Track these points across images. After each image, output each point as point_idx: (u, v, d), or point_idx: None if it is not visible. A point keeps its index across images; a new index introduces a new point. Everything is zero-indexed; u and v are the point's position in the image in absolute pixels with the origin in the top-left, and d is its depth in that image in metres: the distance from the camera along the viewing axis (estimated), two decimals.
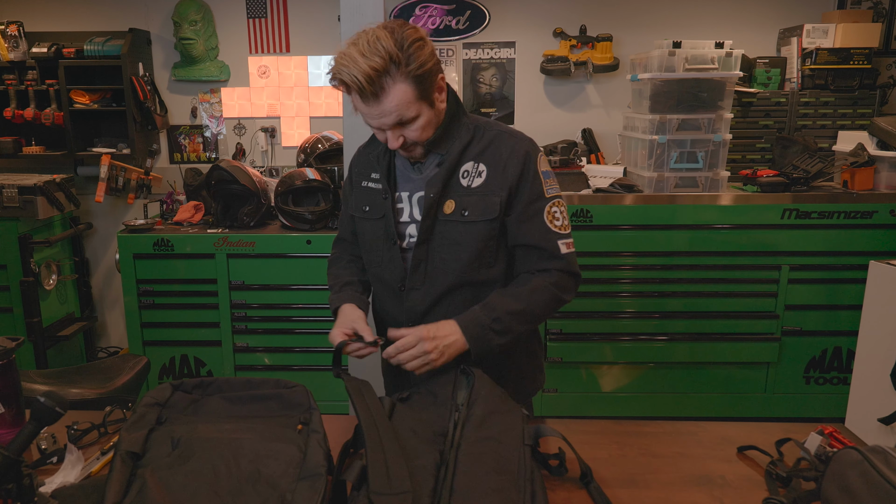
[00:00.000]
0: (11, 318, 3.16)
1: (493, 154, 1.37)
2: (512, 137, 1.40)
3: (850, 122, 3.19)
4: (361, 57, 1.18)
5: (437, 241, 1.37)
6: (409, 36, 1.21)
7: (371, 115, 1.26)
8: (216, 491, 0.90)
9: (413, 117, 1.26)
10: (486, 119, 1.45)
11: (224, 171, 2.99)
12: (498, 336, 1.31)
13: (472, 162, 1.36)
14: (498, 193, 1.35)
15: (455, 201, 1.35)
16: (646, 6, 3.41)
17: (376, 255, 1.44)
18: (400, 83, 1.21)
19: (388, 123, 1.25)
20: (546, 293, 1.36)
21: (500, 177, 1.35)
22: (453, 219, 1.35)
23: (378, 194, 1.42)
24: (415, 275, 1.38)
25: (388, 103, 1.22)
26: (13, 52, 3.30)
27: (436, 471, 0.98)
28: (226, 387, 1.17)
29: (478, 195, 1.35)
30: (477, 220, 1.35)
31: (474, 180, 1.36)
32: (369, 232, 1.45)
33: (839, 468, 1.02)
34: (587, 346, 2.98)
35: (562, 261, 1.39)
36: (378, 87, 1.20)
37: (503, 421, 1.08)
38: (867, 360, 2.13)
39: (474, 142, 1.37)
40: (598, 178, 3.03)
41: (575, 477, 1.13)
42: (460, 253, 1.36)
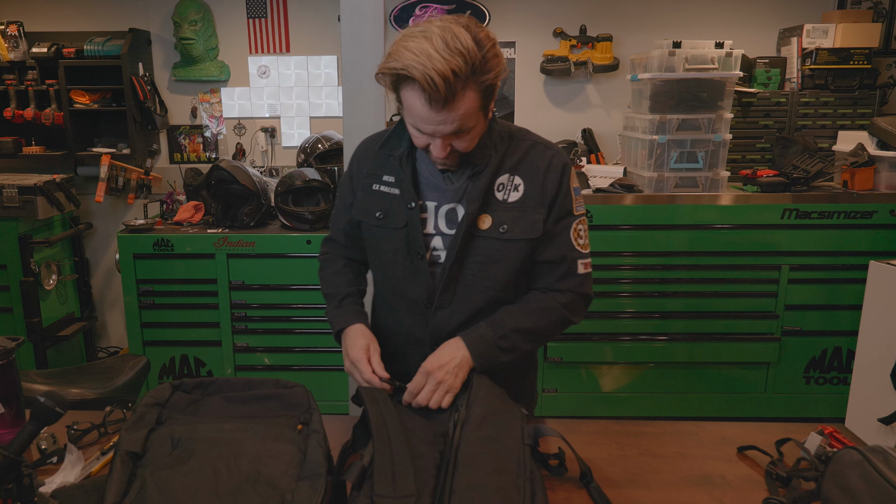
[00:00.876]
0: (11, 318, 3.16)
1: (529, 167, 1.29)
2: (548, 149, 1.32)
3: (850, 122, 3.19)
4: (439, 54, 1.05)
5: (471, 258, 1.28)
6: (486, 38, 1.10)
7: (428, 121, 1.13)
8: (216, 491, 0.90)
9: (471, 127, 1.16)
10: (516, 126, 1.36)
11: (224, 171, 2.99)
12: (503, 353, 1.27)
13: (508, 174, 1.28)
14: (538, 210, 1.28)
15: (492, 217, 1.27)
16: (646, 6, 3.41)
17: (396, 268, 1.33)
18: (470, 90, 1.10)
19: (445, 132, 1.14)
20: (555, 314, 1.32)
21: (538, 192, 1.28)
22: (491, 235, 1.27)
23: (396, 200, 1.31)
24: (445, 293, 1.29)
25: (455, 111, 1.11)
26: (13, 52, 3.30)
27: (436, 471, 0.98)
28: (226, 387, 1.17)
29: (516, 211, 1.27)
30: (517, 239, 1.27)
31: (510, 194, 1.27)
32: (386, 242, 1.33)
33: (839, 468, 1.02)
34: (587, 346, 2.98)
35: (577, 281, 1.34)
36: (451, 93, 1.07)
37: (503, 421, 1.08)
38: (867, 360, 2.13)
39: (510, 152, 1.29)
40: (598, 178, 3.03)
41: (575, 477, 1.13)
42: (498, 272, 1.28)
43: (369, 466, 0.96)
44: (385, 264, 1.35)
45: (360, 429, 1.19)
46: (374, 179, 1.35)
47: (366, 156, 1.39)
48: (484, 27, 1.13)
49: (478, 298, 1.30)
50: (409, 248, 1.30)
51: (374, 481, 0.92)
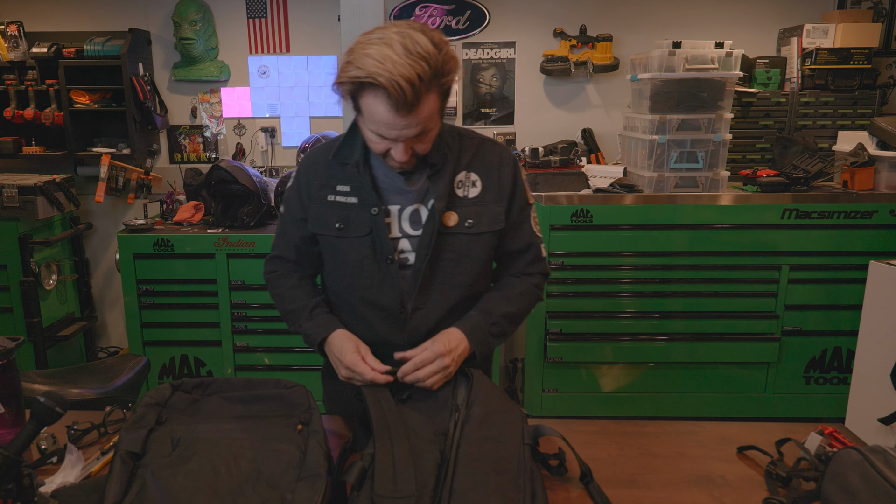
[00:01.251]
0: (11, 318, 3.16)
1: (482, 162, 1.35)
2: (496, 146, 1.40)
3: (850, 122, 3.19)
4: (403, 59, 1.06)
5: (442, 255, 1.31)
6: (441, 42, 1.12)
7: (393, 126, 1.13)
8: (216, 491, 0.90)
9: (431, 129, 1.19)
10: (460, 126, 1.42)
11: (224, 171, 2.99)
12: (495, 339, 1.35)
13: (465, 172, 1.33)
14: (498, 203, 1.35)
15: (457, 213, 1.31)
16: (646, 6, 3.41)
17: (363, 276, 1.33)
18: (433, 93, 1.13)
19: (409, 136, 1.16)
20: (531, 296, 1.42)
21: (495, 186, 1.35)
22: (458, 231, 1.31)
23: (355, 209, 1.31)
24: (420, 294, 1.31)
25: (420, 115, 1.12)
26: (13, 52, 3.30)
27: (436, 471, 0.98)
28: (226, 387, 1.17)
29: (478, 205, 1.33)
30: (484, 232, 1.33)
31: (470, 190, 1.33)
32: (350, 252, 1.33)
33: (839, 468, 1.02)
34: (587, 346, 2.98)
35: (542, 264, 1.45)
36: (417, 97, 1.09)
37: (503, 421, 1.08)
38: (867, 360, 2.13)
39: (463, 150, 1.34)
40: (598, 178, 3.03)
41: (575, 477, 1.13)
42: (469, 266, 1.33)
43: (369, 467, 0.96)
44: (351, 275, 1.35)
45: (360, 429, 1.19)
46: (328, 190, 1.34)
47: (315, 168, 1.38)
48: (436, 30, 1.15)
49: (452, 295, 1.34)
50: (376, 254, 1.31)
51: (374, 481, 0.92)
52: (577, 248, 2.89)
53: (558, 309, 2.95)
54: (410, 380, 1.23)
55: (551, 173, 2.96)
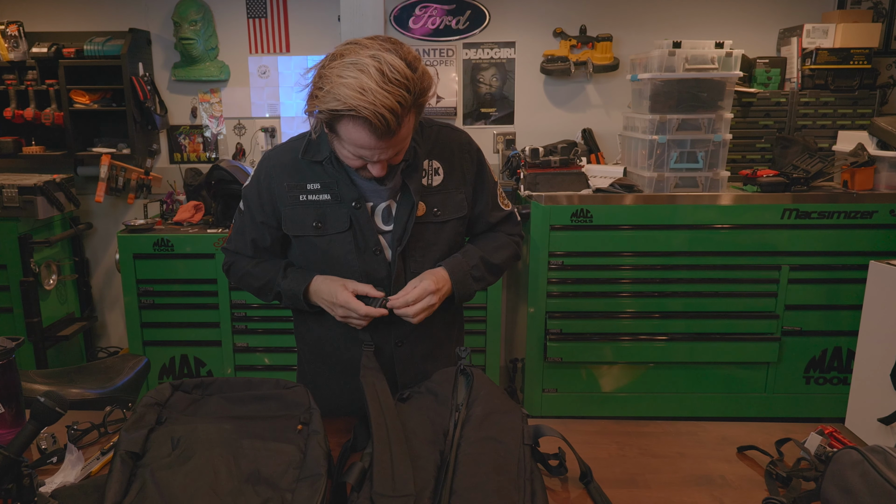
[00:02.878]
0: (11, 318, 3.16)
1: (443, 150, 1.37)
2: (454, 131, 1.41)
3: (850, 122, 3.19)
4: (381, 88, 1.04)
5: (412, 245, 1.35)
6: (415, 60, 1.10)
7: (373, 149, 1.13)
8: (216, 491, 0.90)
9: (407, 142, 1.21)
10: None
11: (224, 171, 2.99)
12: (475, 282, 1.40)
13: (427, 160, 1.35)
14: (461, 189, 1.39)
15: (424, 202, 1.34)
16: (646, 6, 3.41)
17: (348, 270, 1.34)
18: (412, 114, 1.13)
19: (389, 156, 1.17)
20: (511, 249, 1.50)
21: (457, 173, 1.38)
22: (426, 220, 1.35)
23: (329, 205, 1.31)
24: (398, 284, 1.34)
25: (399, 138, 1.13)
26: (13, 52, 3.29)
27: (436, 471, 0.98)
28: (226, 387, 1.17)
29: (442, 193, 1.36)
30: (449, 219, 1.38)
31: (433, 179, 1.36)
32: (334, 248, 1.33)
33: (839, 468, 1.02)
34: (587, 346, 2.98)
35: (519, 226, 1.55)
36: (398, 124, 1.08)
37: (503, 421, 1.08)
38: (867, 360, 2.13)
39: (424, 139, 1.35)
40: (598, 178, 3.03)
41: (575, 477, 1.13)
42: (434, 253, 1.38)
43: (369, 467, 0.96)
44: (341, 267, 1.35)
45: (360, 429, 1.19)
46: (299, 191, 1.33)
47: (280, 169, 1.35)
48: (405, 45, 1.12)
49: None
50: (358, 247, 1.32)
51: (373, 480, 0.92)
52: (577, 248, 2.89)
53: (558, 309, 2.95)
54: (400, 313, 1.30)
55: (551, 173, 2.96)
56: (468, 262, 1.38)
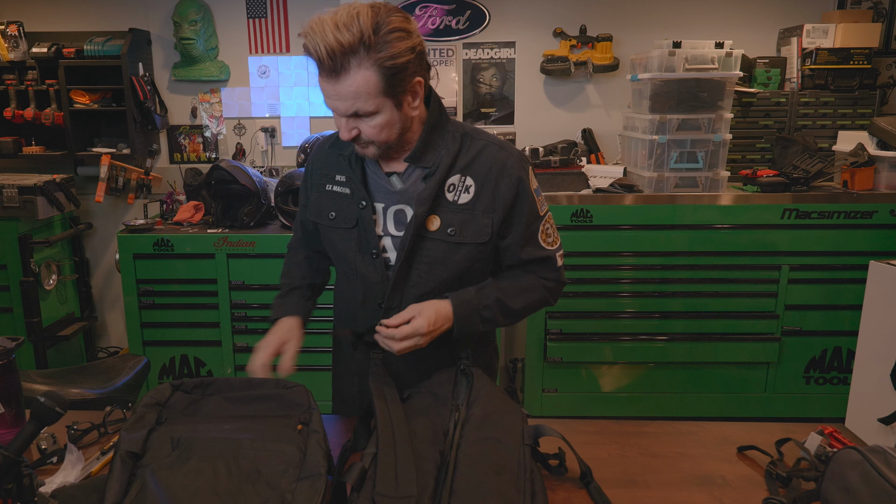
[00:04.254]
0: (11, 318, 3.16)
1: (482, 168, 1.27)
2: (502, 150, 1.30)
3: (850, 122, 3.19)
4: (333, 28, 1.08)
5: (418, 258, 1.28)
6: (392, 22, 1.10)
7: (326, 93, 1.15)
8: (216, 491, 0.90)
9: (370, 112, 1.14)
10: (472, 126, 1.35)
11: (224, 171, 2.99)
12: (482, 323, 1.30)
13: (459, 175, 1.26)
14: (489, 215, 1.27)
15: (440, 218, 1.26)
16: (646, 6, 3.41)
17: (350, 267, 1.34)
18: (365, 69, 1.10)
19: (341, 109, 1.15)
20: (537, 295, 1.37)
21: (490, 195, 1.27)
22: (438, 237, 1.26)
23: (347, 200, 1.31)
24: (394, 294, 1.30)
25: (347, 86, 1.11)
26: (13, 52, 3.29)
27: (436, 471, 0.98)
28: (226, 387, 1.17)
29: (466, 213, 1.26)
30: (465, 242, 1.27)
31: (461, 196, 1.26)
32: (340, 242, 1.34)
33: (839, 468, 1.02)
34: (587, 346, 2.98)
35: (558, 273, 1.40)
36: (339, 65, 1.09)
37: (503, 421, 1.08)
38: (867, 360, 2.13)
39: (462, 152, 1.27)
40: (598, 178, 3.03)
41: (575, 477, 1.13)
42: (441, 273, 1.29)
43: (369, 467, 0.96)
44: (342, 263, 1.37)
45: (360, 428, 1.19)
46: (327, 180, 1.36)
47: (320, 157, 1.39)
48: (406, 16, 1.14)
49: (420, 298, 1.30)
50: (360, 247, 1.31)
51: (376, 480, 0.92)
52: (577, 248, 2.89)
53: (558, 309, 2.95)
54: (384, 344, 1.24)
55: (551, 173, 2.96)
56: (480, 301, 1.28)
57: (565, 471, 1.14)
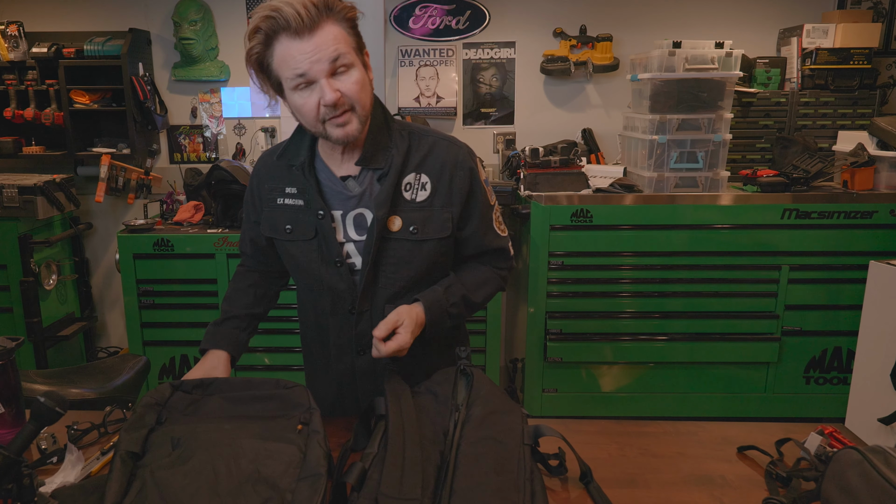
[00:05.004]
0: (11, 318, 3.16)
1: (435, 163, 1.29)
2: (452, 145, 1.33)
3: (850, 122, 3.19)
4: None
5: (384, 260, 1.29)
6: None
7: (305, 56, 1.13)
8: (216, 491, 0.90)
9: (350, 63, 1.16)
10: (415, 124, 1.36)
11: (224, 171, 2.99)
12: (450, 319, 1.33)
13: (414, 173, 1.28)
14: (448, 209, 1.30)
15: (401, 217, 1.27)
16: (646, 6, 3.41)
17: (314, 279, 1.33)
18: (333, 24, 1.15)
19: (325, 59, 1.13)
20: (494, 284, 1.42)
21: (446, 189, 1.29)
22: (401, 237, 1.28)
23: (301, 211, 1.31)
24: (364, 299, 1.30)
25: (325, 36, 1.13)
26: (13, 52, 3.30)
27: (436, 471, 0.98)
28: (226, 387, 1.17)
29: (425, 210, 1.28)
30: (428, 239, 1.29)
31: (418, 193, 1.28)
32: (300, 254, 1.33)
33: (839, 468, 1.02)
34: (587, 346, 2.98)
35: (510, 261, 1.46)
36: (314, 19, 1.12)
37: (503, 421, 1.08)
38: (867, 360, 2.13)
39: (412, 150, 1.29)
40: (598, 178, 3.03)
41: (575, 477, 1.13)
42: (408, 271, 1.30)
43: (370, 467, 0.96)
44: (305, 276, 1.36)
45: (360, 428, 1.19)
46: (278, 193, 1.34)
47: (266, 171, 1.38)
48: None
49: (389, 298, 1.31)
50: (322, 258, 1.31)
51: (381, 480, 0.92)
52: (577, 248, 2.89)
53: (558, 309, 2.95)
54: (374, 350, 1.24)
55: (551, 173, 2.96)
56: (448, 300, 1.31)
57: (565, 471, 1.14)
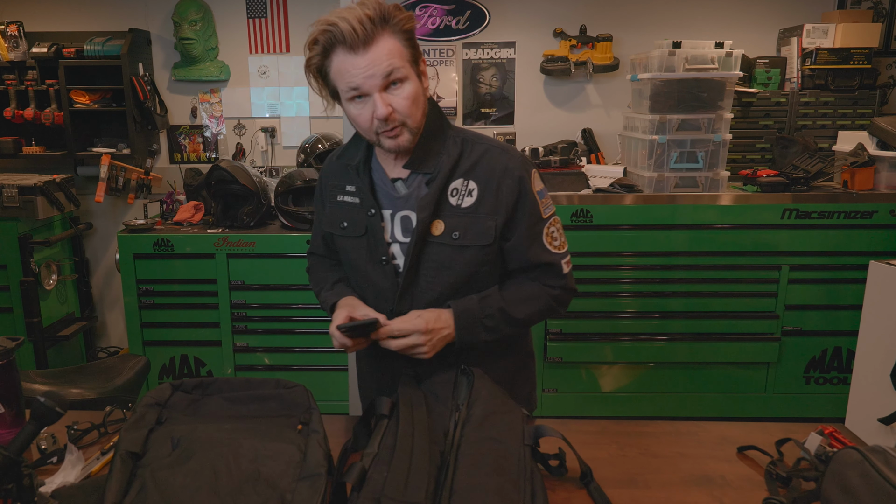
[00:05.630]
0: (11, 318, 3.16)
1: (484, 171, 1.28)
2: (504, 153, 1.31)
3: (850, 122, 3.19)
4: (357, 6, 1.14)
5: (424, 264, 1.28)
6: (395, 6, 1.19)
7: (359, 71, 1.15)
8: (216, 491, 0.90)
9: (402, 78, 1.17)
10: (473, 132, 1.37)
11: (224, 171, 2.99)
12: (485, 332, 1.29)
13: (462, 179, 1.28)
14: (492, 217, 1.28)
15: (444, 222, 1.27)
16: (646, 6, 3.41)
17: (361, 276, 1.35)
18: (389, 36, 1.16)
19: (378, 78, 1.15)
20: (542, 303, 1.36)
21: (493, 198, 1.27)
22: (442, 241, 1.27)
23: (356, 209, 1.33)
24: (402, 300, 1.30)
25: (380, 50, 1.15)
26: (13, 52, 3.30)
27: (436, 472, 0.98)
28: (226, 387, 1.17)
29: (469, 216, 1.27)
30: (469, 245, 1.27)
31: (464, 199, 1.27)
32: (351, 251, 1.35)
33: (839, 468, 1.02)
34: (587, 346, 2.98)
35: (564, 279, 1.38)
36: (370, 34, 1.13)
37: (503, 421, 1.08)
38: (867, 360, 2.13)
39: (464, 157, 1.28)
40: (598, 178, 3.03)
41: (575, 477, 1.13)
42: (448, 277, 1.28)
43: (370, 467, 0.95)
44: (353, 273, 1.38)
45: (360, 428, 1.19)
46: (338, 191, 1.38)
47: (330, 170, 1.42)
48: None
49: (428, 303, 1.30)
50: (370, 255, 1.32)
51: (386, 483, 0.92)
52: (577, 248, 2.89)
53: None
54: (383, 344, 1.25)
55: (551, 173, 2.96)
56: (482, 310, 1.28)
57: (565, 471, 1.14)
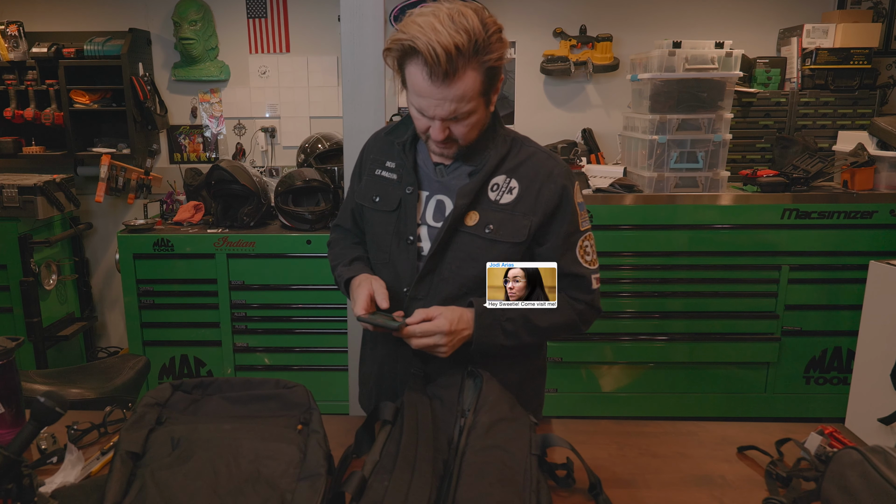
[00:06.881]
0: (11, 318, 3.16)
1: (528, 172, 1.28)
2: (550, 159, 1.32)
3: (850, 122, 3.19)
4: (444, 28, 1.07)
5: (451, 252, 1.27)
6: (493, 23, 1.13)
7: (429, 96, 1.14)
8: (216, 491, 0.90)
9: (469, 112, 1.16)
10: (522, 135, 1.37)
11: (224, 171, 2.99)
12: (504, 336, 1.26)
13: (505, 176, 1.28)
14: (529, 216, 1.27)
15: (479, 214, 1.26)
16: (646, 6, 3.41)
17: (383, 252, 1.33)
18: (472, 70, 1.12)
19: (443, 112, 1.15)
20: (566, 316, 1.31)
21: (532, 198, 1.27)
22: (474, 232, 1.26)
23: (392, 185, 1.33)
24: (420, 285, 1.28)
25: (455, 90, 1.12)
26: (13, 52, 3.29)
27: (439, 482, 0.96)
28: (226, 387, 1.17)
29: (506, 213, 1.26)
30: (501, 241, 1.26)
31: (503, 195, 1.27)
32: (378, 225, 1.34)
33: (839, 468, 1.02)
34: (587, 346, 2.98)
35: (591, 295, 1.34)
36: (453, 67, 1.09)
37: (510, 429, 1.06)
38: (867, 360, 2.13)
39: (510, 155, 1.29)
40: (598, 178, 3.03)
41: (583, 488, 1.11)
42: (472, 269, 1.26)
43: (370, 476, 0.94)
44: (376, 248, 1.36)
45: (362, 434, 1.18)
46: (378, 165, 1.37)
47: (374, 144, 1.43)
48: (487, 10, 1.15)
49: (448, 290, 1.28)
50: (398, 231, 1.31)
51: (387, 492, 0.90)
52: None
53: None
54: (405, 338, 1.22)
55: None
56: (504, 312, 1.24)
57: (573, 482, 1.12)
